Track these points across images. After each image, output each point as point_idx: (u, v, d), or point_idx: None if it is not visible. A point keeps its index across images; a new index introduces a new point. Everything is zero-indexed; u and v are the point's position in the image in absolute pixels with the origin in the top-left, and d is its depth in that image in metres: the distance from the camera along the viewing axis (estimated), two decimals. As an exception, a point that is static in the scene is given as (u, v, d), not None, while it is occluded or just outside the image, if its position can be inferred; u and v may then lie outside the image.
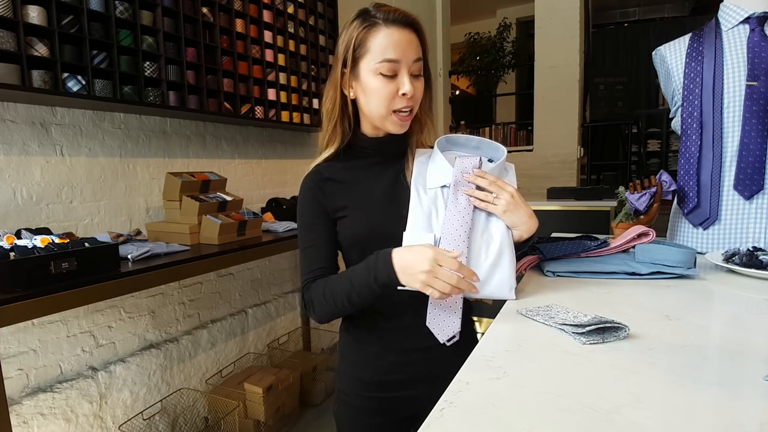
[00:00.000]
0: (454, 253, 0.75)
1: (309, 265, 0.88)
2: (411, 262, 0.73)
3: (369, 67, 0.81)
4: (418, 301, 0.83)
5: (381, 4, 0.84)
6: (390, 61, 0.80)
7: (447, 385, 0.89)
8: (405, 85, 0.81)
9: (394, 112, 0.83)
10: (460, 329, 0.83)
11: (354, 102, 0.88)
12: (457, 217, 0.82)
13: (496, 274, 0.82)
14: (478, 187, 0.84)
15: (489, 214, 0.84)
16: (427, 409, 0.93)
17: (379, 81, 0.81)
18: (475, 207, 0.83)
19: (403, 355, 0.89)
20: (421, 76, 0.85)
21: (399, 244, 0.81)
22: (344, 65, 0.84)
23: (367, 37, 0.81)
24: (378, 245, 0.81)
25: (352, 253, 0.88)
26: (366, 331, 0.91)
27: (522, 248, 0.88)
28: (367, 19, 0.82)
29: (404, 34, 0.81)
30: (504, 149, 0.89)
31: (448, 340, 0.83)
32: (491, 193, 0.83)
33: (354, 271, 0.81)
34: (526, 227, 0.84)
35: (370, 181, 0.89)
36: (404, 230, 0.83)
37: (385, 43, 0.80)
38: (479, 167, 0.85)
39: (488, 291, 0.82)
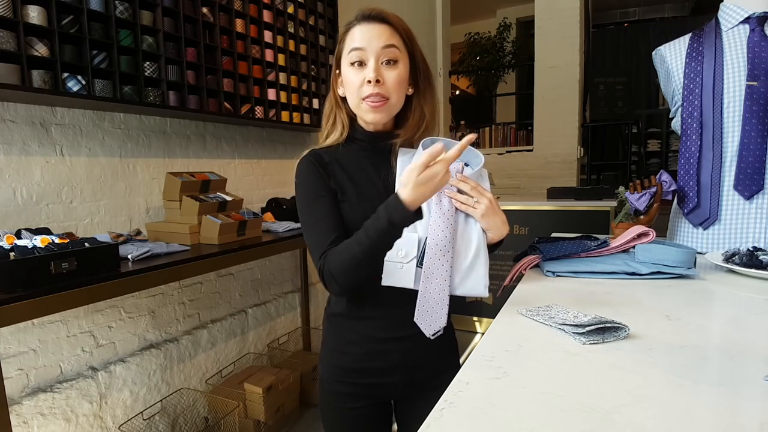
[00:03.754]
0: (431, 153, 0.74)
1: (322, 237, 0.85)
2: (410, 183, 0.74)
3: (345, 61, 0.89)
4: (397, 291, 0.85)
5: (365, 7, 0.90)
6: (356, 49, 0.86)
7: (423, 373, 0.93)
8: (369, 71, 0.85)
9: (364, 99, 0.87)
10: (446, 324, 0.86)
11: (346, 99, 0.93)
12: (443, 219, 0.86)
13: (473, 273, 0.86)
14: (460, 191, 0.88)
15: (467, 216, 0.89)
16: (404, 395, 0.95)
17: (351, 71, 0.88)
18: (456, 209, 0.88)
19: (380, 344, 0.92)
20: (397, 64, 0.87)
21: None
22: (336, 67, 0.93)
23: (345, 36, 0.90)
24: None
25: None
26: (346, 319, 0.95)
27: (492, 250, 0.93)
28: (349, 22, 0.90)
29: (372, 26, 0.87)
30: (482, 156, 0.93)
31: (433, 335, 0.87)
32: (472, 197, 0.87)
33: (366, 226, 0.79)
34: (499, 232, 0.89)
35: (365, 174, 0.92)
36: None
37: (354, 36, 0.87)
38: (461, 172, 0.89)
39: (466, 289, 0.86)
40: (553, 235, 1.46)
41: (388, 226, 0.76)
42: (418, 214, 0.77)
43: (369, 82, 0.85)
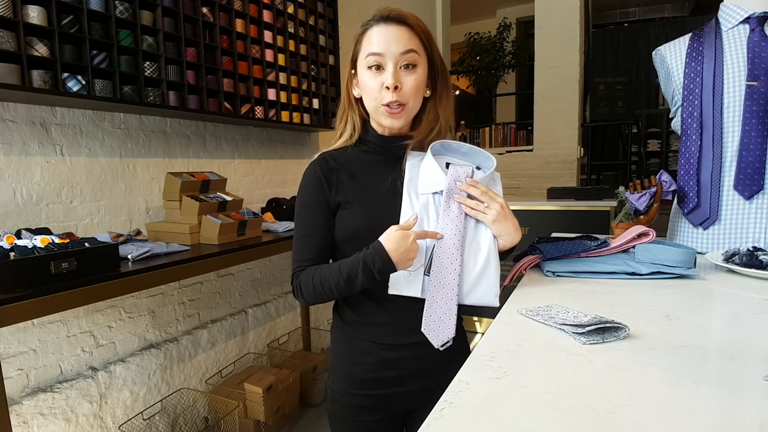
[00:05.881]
0: (411, 222, 0.82)
1: (301, 253, 0.90)
2: (402, 250, 0.79)
3: (362, 63, 0.87)
4: (407, 298, 0.84)
5: (383, 7, 0.87)
6: (374, 54, 0.84)
7: (436, 381, 0.92)
8: (387, 77, 0.83)
9: (382, 105, 0.85)
10: (454, 335, 0.84)
11: (361, 100, 0.91)
12: (450, 225, 0.84)
13: (482, 281, 0.84)
14: (470, 196, 0.86)
15: (477, 222, 0.87)
16: (417, 405, 0.94)
17: (368, 75, 0.86)
18: (465, 215, 0.86)
19: (394, 351, 0.90)
20: (416, 68, 0.85)
21: None
22: (352, 67, 0.91)
23: (362, 37, 0.87)
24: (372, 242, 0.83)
25: (346, 248, 0.89)
26: (356, 328, 0.92)
27: (504, 257, 0.91)
28: (366, 22, 0.87)
29: (391, 28, 0.84)
30: (494, 159, 0.91)
31: (442, 346, 0.84)
32: (482, 202, 0.85)
33: (344, 262, 0.83)
34: (511, 238, 0.87)
35: (373, 179, 0.90)
36: None
37: (371, 39, 0.85)
38: (471, 176, 0.88)
39: (475, 298, 0.85)
40: (553, 235, 1.46)
41: (362, 267, 0.80)
42: (390, 267, 0.79)
43: (387, 88, 0.83)
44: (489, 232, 0.86)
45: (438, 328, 0.84)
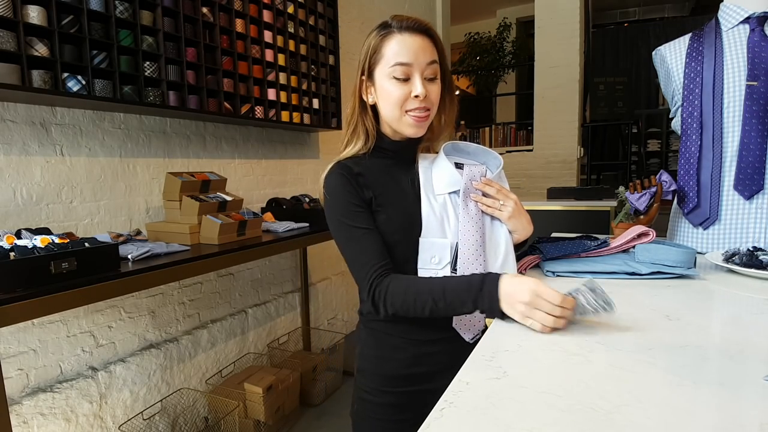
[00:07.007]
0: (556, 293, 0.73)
1: (372, 254, 0.84)
2: (513, 292, 0.73)
3: (383, 72, 0.86)
4: None
5: (398, 15, 0.88)
6: (402, 65, 0.84)
7: None
8: (417, 87, 0.84)
9: (408, 112, 0.86)
10: (483, 327, 0.87)
11: (375, 107, 0.91)
12: (471, 223, 0.87)
13: None
14: (485, 194, 0.90)
15: (493, 219, 0.90)
16: None
17: (392, 84, 0.85)
18: (482, 212, 0.89)
19: (425, 347, 0.91)
20: (437, 80, 0.88)
21: (417, 247, 0.86)
22: (362, 73, 0.89)
23: (382, 45, 0.86)
24: (401, 247, 0.85)
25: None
26: (386, 325, 0.92)
27: (517, 250, 0.95)
28: (383, 28, 0.87)
29: (416, 39, 0.85)
30: (500, 157, 0.96)
31: (472, 339, 0.88)
32: (498, 200, 0.89)
33: (450, 281, 0.79)
34: (525, 232, 0.92)
35: (394, 183, 0.91)
36: (419, 235, 0.86)
37: (397, 48, 0.84)
38: (485, 175, 0.91)
39: None
40: (553, 235, 1.46)
41: (470, 304, 0.76)
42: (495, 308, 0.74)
43: (416, 97, 0.84)
44: (505, 228, 0.90)
45: (469, 322, 0.87)
